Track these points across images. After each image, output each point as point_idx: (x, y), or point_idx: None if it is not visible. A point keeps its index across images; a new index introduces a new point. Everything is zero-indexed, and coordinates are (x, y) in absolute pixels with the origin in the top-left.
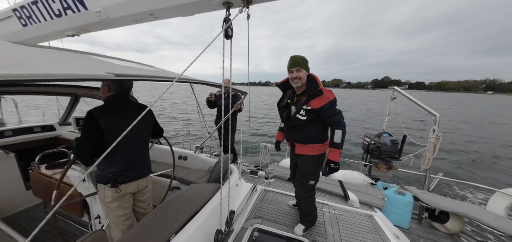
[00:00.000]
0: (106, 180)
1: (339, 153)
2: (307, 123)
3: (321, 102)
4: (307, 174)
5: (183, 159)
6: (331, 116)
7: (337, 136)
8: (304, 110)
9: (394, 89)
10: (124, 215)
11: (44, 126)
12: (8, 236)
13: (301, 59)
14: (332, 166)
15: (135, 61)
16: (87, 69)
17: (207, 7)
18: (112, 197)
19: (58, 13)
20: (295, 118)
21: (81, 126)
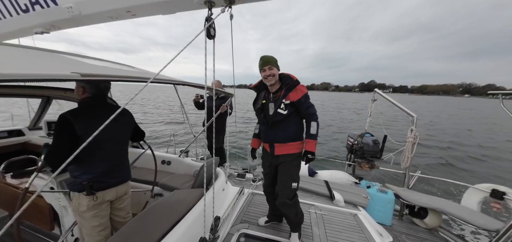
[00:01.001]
0: (81, 187)
1: (315, 143)
2: (288, 118)
3: (297, 95)
4: (290, 175)
5: (167, 163)
6: (308, 109)
7: (313, 127)
8: (284, 104)
9: (375, 91)
10: (101, 225)
11: (11, 130)
12: None
13: (271, 58)
14: (309, 157)
15: (113, 61)
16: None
17: (189, 5)
18: (88, 205)
19: (25, 8)
20: (276, 114)
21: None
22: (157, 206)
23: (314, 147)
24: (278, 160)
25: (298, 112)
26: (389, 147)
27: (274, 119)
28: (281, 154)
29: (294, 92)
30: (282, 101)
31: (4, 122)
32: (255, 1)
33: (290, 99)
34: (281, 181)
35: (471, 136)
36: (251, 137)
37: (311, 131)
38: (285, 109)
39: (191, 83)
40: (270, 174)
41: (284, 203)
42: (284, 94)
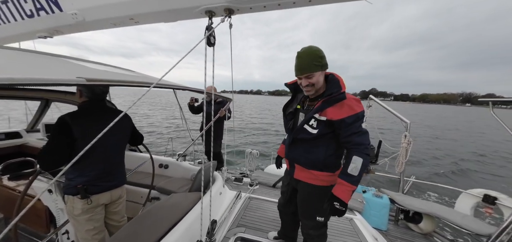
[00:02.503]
0: (75, 190)
1: (351, 190)
2: (317, 138)
3: (341, 113)
4: (313, 208)
5: (164, 167)
6: (352, 136)
7: (354, 164)
8: (316, 120)
9: (370, 98)
10: (95, 229)
11: (8, 132)
12: None
13: (310, 60)
14: (336, 206)
15: (114, 65)
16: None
17: (190, 14)
18: (82, 209)
19: (30, 14)
20: (301, 130)
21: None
22: (153, 209)
23: (347, 195)
24: (297, 184)
25: (336, 136)
26: (384, 152)
27: (297, 135)
28: (302, 180)
29: (337, 108)
30: (313, 115)
31: (1, 123)
32: (254, 12)
33: (328, 116)
34: (303, 210)
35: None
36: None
37: (350, 169)
38: (316, 128)
39: (191, 88)
40: (286, 194)
41: (308, 235)
42: (320, 107)
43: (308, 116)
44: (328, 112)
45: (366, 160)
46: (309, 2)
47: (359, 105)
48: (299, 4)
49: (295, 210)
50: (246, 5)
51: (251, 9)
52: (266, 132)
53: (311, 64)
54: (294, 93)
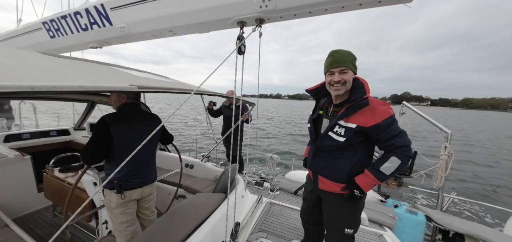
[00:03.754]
0: (112, 185)
1: (374, 183)
2: (343, 148)
3: (375, 118)
4: (341, 219)
5: (190, 167)
6: (394, 139)
7: (390, 164)
8: (343, 127)
9: (403, 104)
10: (128, 221)
11: (59, 130)
12: (19, 237)
13: (348, 55)
14: (356, 193)
15: (151, 72)
16: (113, 82)
17: (223, 25)
18: (117, 202)
19: (85, 27)
20: (326, 138)
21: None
22: (182, 207)
23: (370, 186)
24: (321, 193)
25: (368, 144)
26: (420, 164)
27: (322, 143)
28: (327, 191)
29: (368, 114)
30: (337, 122)
31: (52, 121)
32: (284, 20)
33: (360, 123)
34: (330, 221)
35: None
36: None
37: (384, 167)
38: (344, 136)
39: (221, 94)
40: (309, 201)
41: None
42: (344, 113)
43: (332, 122)
44: (357, 119)
45: (405, 162)
46: (341, 8)
47: (390, 107)
48: (331, 11)
49: (319, 218)
50: (277, 14)
51: (281, 18)
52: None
53: (347, 59)
54: (316, 99)
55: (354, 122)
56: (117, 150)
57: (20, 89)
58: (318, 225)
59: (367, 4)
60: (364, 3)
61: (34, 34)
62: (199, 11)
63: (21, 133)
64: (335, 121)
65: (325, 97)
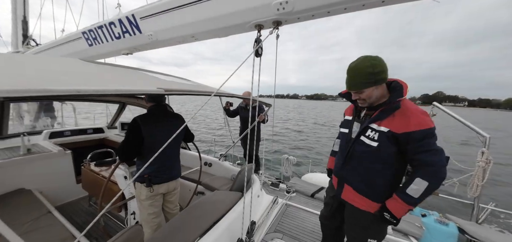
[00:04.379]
0: (142, 179)
1: (406, 209)
2: (377, 156)
3: (407, 126)
4: (363, 232)
5: (208, 165)
6: (421, 154)
7: (416, 187)
8: (376, 131)
9: (433, 105)
10: (154, 213)
11: (95, 128)
12: (61, 223)
13: (359, 78)
14: (386, 217)
15: (173, 75)
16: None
17: (241, 29)
18: (146, 195)
19: (118, 36)
20: (358, 142)
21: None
22: (201, 203)
23: (401, 211)
24: (346, 205)
25: (399, 153)
26: (453, 171)
27: (354, 149)
28: (350, 203)
29: (400, 119)
30: (369, 125)
31: (86, 120)
32: (301, 21)
33: (391, 128)
34: (350, 230)
35: None
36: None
37: (409, 189)
38: (377, 140)
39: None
40: (330, 206)
41: None
42: (377, 116)
43: (364, 125)
44: (389, 123)
45: (434, 183)
46: (362, 6)
47: (430, 120)
48: (350, 9)
49: (340, 225)
50: (294, 16)
51: (299, 19)
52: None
53: (359, 82)
54: (351, 101)
55: (387, 125)
56: (147, 148)
57: (69, 93)
58: (338, 230)
59: (390, 1)
60: (386, 0)
61: (75, 43)
62: (219, 17)
63: (63, 130)
64: (367, 124)
65: None
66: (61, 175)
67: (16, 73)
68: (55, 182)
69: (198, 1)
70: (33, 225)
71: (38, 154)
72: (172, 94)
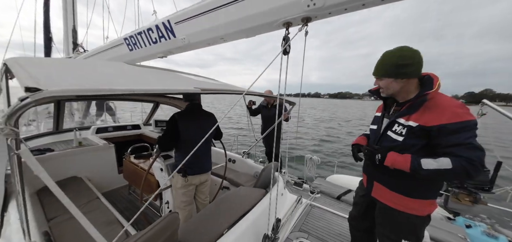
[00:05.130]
0: (179, 170)
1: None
2: (403, 148)
3: (441, 118)
4: (396, 235)
5: (232, 162)
6: (457, 147)
7: (435, 162)
8: (403, 126)
9: (482, 103)
10: (187, 201)
11: (133, 125)
12: (107, 208)
13: (385, 63)
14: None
15: (203, 76)
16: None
17: (269, 28)
18: (181, 184)
19: (155, 41)
20: (384, 138)
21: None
22: (228, 196)
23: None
24: (377, 203)
25: (431, 149)
26: (505, 178)
27: (380, 144)
28: (382, 202)
29: (433, 112)
30: (396, 120)
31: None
32: (333, 16)
33: (421, 122)
34: (382, 233)
35: None
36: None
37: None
38: (404, 136)
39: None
40: (360, 206)
41: None
42: (405, 111)
43: (391, 120)
44: (418, 117)
45: (459, 172)
46: None
47: (469, 113)
48: (388, 0)
49: (370, 226)
50: (325, 11)
51: (330, 14)
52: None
53: (381, 68)
54: (382, 99)
55: (416, 120)
56: (182, 141)
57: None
58: (369, 233)
59: None
60: None
61: (117, 48)
62: (248, 17)
63: (107, 127)
64: (394, 119)
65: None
66: (106, 165)
67: (78, 74)
68: (101, 171)
69: (229, 3)
70: (84, 209)
71: (87, 147)
72: (207, 92)
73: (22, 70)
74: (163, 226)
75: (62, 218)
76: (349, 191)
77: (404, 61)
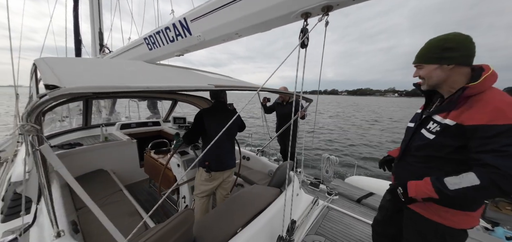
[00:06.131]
0: (204, 165)
1: (427, 193)
2: (432, 148)
3: (478, 116)
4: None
5: (246, 159)
6: (489, 154)
7: (459, 180)
8: (438, 124)
9: None
10: (206, 192)
11: (154, 121)
12: (129, 200)
13: (428, 48)
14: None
15: (219, 74)
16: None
17: (286, 20)
18: (205, 178)
19: (172, 39)
20: (417, 135)
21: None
22: (242, 194)
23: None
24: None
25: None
26: None
27: (413, 142)
28: (413, 209)
29: (473, 108)
30: (431, 116)
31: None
32: (357, 3)
33: (459, 120)
34: None
35: None
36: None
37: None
38: (435, 133)
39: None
40: (386, 210)
41: None
42: (442, 107)
43: (426, 116)
44: (458, 115)
45: (488, 189)
46: None
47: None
48: None
49: (396, 233)
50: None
51: (354, 1)
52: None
53: (422, 54)
54: (426, 95)
55: (455, 118)
56: (208, 137)
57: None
58: (395, 240)
59: None
60: None
61: (138, 48)
62: (265, 10)
63: (130, 123)
64: (429, 115)
65: (436, 92)
66: (129, 159)
67: (98, 72)
68: (124, 165)
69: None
70: (109, 200)
71: (113, 142)
72: (221, 88)
73: (48, 69)
74: (179, 221)
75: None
76: (370, 194)
77: (449, 44)
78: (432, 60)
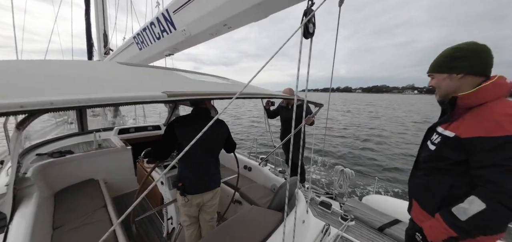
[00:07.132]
0: (177, 186)
1: (445, 233)
2: (433, 160)
3: (477, 128)
4: None
5: (248, 169)
6: (491, 169)
7: (466, 206)
8: (439, 135)
9: None
10: (190, 219)
11: (154, 126)
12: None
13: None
14: (417, 239)
15: (212, 74)
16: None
17: (283, 3)
18: (181, 203)
19: (158, 36)
20: (424, 149)
21: None
22: (237, 219)
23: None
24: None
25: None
26: None
27: (420, 154)
28: (418, 225)
29: (472, 119)
30: (436, 129)
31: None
32: None
33: (457, 132)
34: None
35: None
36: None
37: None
38: (435, 144)
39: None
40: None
41: None
42: (447, 118)
43: (430, 127)
44: (457, 126)
45: (495, 210)
46: None
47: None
48: None
49: None
50: None
51: None
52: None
53: (434, 63)
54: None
55: (454, 129)
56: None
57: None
58: None
59: None
60: None
61: (129, 49)
62: None
63: (129, 128)
64: (433, 126)
65: None
66: (123, 168)
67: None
68: (117, 174)
69: None
70: (88, 219)
71: (106, 149)
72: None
73: None
74: None
75: (68, 227)
76: (396, 221)
77: (459, 53)
78: (442, 70)
